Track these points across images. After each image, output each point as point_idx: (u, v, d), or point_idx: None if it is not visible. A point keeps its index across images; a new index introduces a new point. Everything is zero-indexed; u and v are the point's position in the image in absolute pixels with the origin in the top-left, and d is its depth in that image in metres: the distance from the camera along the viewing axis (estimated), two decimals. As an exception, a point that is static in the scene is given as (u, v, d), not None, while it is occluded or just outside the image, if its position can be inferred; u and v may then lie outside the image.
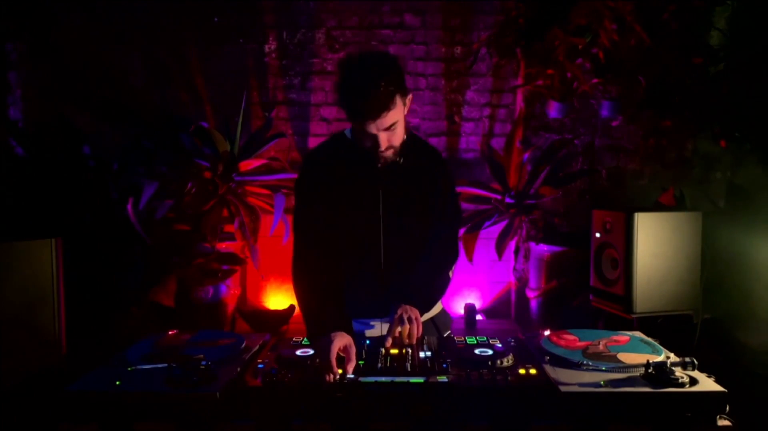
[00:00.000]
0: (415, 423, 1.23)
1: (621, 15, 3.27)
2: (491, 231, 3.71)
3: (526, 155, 3.66)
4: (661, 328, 2.71)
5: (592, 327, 2.11)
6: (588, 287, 3.06)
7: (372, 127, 1.56)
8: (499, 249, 3.57)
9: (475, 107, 4.01)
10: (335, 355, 1.36)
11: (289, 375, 1.33)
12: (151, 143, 3.55)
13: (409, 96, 1.64)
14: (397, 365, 1.39)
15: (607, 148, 3.94)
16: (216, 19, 3.92)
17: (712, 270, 2.83)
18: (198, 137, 3.53)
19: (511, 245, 3.71)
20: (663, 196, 3.44)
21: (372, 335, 1.73)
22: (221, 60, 3.93)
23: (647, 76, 3.52)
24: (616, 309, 2.82)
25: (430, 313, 1.83)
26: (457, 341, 1.57)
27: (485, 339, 1.58)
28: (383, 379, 1.31)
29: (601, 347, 1.49)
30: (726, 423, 1.23)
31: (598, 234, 2.95)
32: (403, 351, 1.48)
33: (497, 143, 3.95)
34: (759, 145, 3.22)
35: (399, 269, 1.74)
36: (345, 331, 1.48)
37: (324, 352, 1.36)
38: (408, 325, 1.56)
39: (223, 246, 3.54)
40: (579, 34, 3.31)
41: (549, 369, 1.36)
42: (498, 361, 1.39)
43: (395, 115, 1.57)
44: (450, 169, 1.92)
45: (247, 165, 3.59)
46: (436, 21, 3.95)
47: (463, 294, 4.02)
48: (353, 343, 1.43)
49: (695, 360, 1.32)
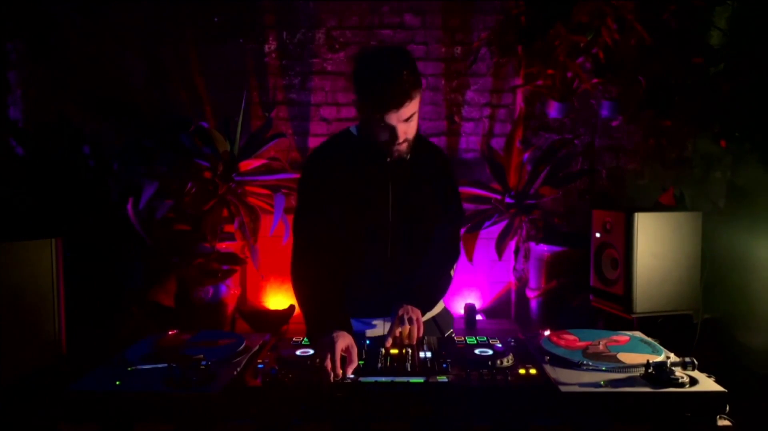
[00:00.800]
0: (415, 423, 1.23)
1: (622, 14, 3.27)
2: (491, 231, 3.71)
3: (526, 155, 3.66)
4: (661, 328, 2.72)
5: (592, 327, 2.11)
6: (588, 287, 3.06)
7: (393, 118, 1.56)
8: (499, 249, 3.57)
9: (475, 107, 4.01)
10: (339, 355, 1.36)
11: (289, 375, 1.33)
12: (151, 143, 3.55)
13: (421, 90, 1.65)
14: (397, 365, 1.39)
15: (607, 148, 3.94)
16: (216, 19, 3.92)
17: (712, 270, 2.83)
18: (198, 137, 3.53)
19: (511, 245, 3.71)
20: (663, 196, 3.44)
21: (373, 334, 1.73)
22: (221, 60, 3.93)
23: (647, 75, 3.53)
24: (616, 309, 2.82)
25: (432, 312, 1.82)
26: (457, 341, 1.57)
27: (485, 339, 1.58)
28: (383, 379, 1.31)
29: (601, 347, 1.49)
30: (726, 423, 1.23)
31: (598, 234, 2.95)
32: (404, 351, 1.48)
33: (497, 143, 3.95)
34: (759, 145, 3.22)
35: (405, 267, 1.74)
36: (346, 331, 1.48)
37: (327, 351, 1.36)
38: (408, 326, 1.56)
39: (223, 246, 3.54)
40: (580, 32, 3.31)
41: (549, 369, 1.36)
42: (498, 361, 1.39)
43: (414, 107, 1.59)
44: (453, 167, 1.92)
45: (247, 165, 3.59)
46: (436, 21, 3.95)
47: (463, 294, 4.02)
48: (354, 344, 1.43)
49: (695, 360, 1.32)
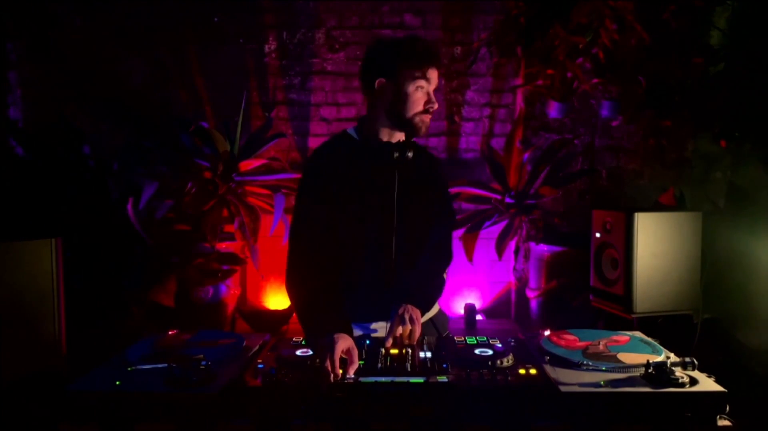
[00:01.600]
0: (415, 423, 1.23)
1: (621, 14, 3.27)
2: (491, 231, 3.71)
3: (526, 155, 3.66)
4: (661, 328, 2.71)
5: (592, 327, 2.11)
6: (588, 287, 3.05)
7: (431, 75, 1.65)
8: (499, 249, 3.57)
9: (475, 107, 4.01)
10: (339, 357, 1.36)
11: (289, 375, 1.33)
12: (151, 143, 3.54)
13: None
14: (397, 365, 1.39)
15: (607, 148, 3.94)
16: (216, 19, 3.92)
17: (712, 270, 2.82)
18: (198, 137, 3.53)
19: (511, 245, 3.71)
20: (663, 196, 3.44)
21: (374, 336, 1.73)
22: (221, 60, 3.93)
23: (647, 76, 3.53)
24: (616, 309, 2.82)
25: (429, 314, 1.83)
26: (457, 341, 1.57)
27: (485, 339, 1.58)
28: (383, 379, 1.31)
29: (601, 347, 1.49)
30: (726, 423, 1.23)
31: (598, 234, 2.95)
32: (403, 351, 1.48)
33: (497, 143, 3.95)
34: (759, 145, 3.22)
35: (405, 269, 1.74)
36: (346, 333, 1.48)
37: (327, 352, 1.36)
38: (409, 326, 1.56)
39: (223, 246, 3.54)
40: (580, 32, 3.31)
41: (549, 369, 1.36)
42: (498, 361, 1.39)
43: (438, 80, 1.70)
44: (444, 171, 1.93)
45: (247, 165, 3.59)
46: (436, 21, 3.95)
47: (463, 294, 4.01)
48: (355, 346, 1.43)
49: (695, 360, 1.32)
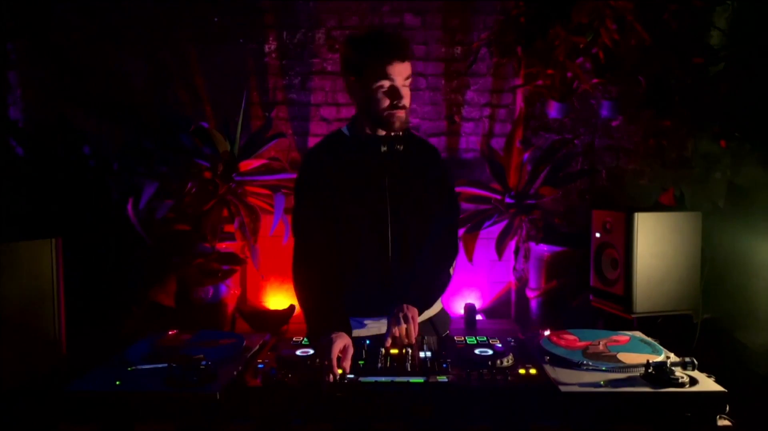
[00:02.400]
0: (415, 423, 1.23)
1: (622, 14, 3.27)
2: (491, 231, 3.71)
3: (526, 155, 3.66)
4: (661, 328, 2.71)
5: (592, 327, 2.11)
6: (588, 287, 3.05)
7: (396, 71, 1.62)
8: (499, 249, 3.57)
9: (475, 107, 4.01)
10: (336, 356, 1.36)
11: (289, 375, 1.33)
12: (151, 143, 3.55)
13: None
14: (397, 365, 1.39)
15: (607, 148, 3.94)
16: (216, 19, 3.92)
17: (712, 270, 2.82)
18: (198, 137, 3.53)
19: (511, 245, 3.71)
20: (663, 196, 3.44)
21: (367, 333, 1.73)
22: (221, 60, 3.93)
23: (647, 76, 3.52)
24: (616, 309, 2.82)
25: (429, 313, 1.82)
26: (457, 341, 1.57)
27: (485, 339, 1.58)
28: (383, 379, 1.31)
29: (601, 347, 1.49)
30: (726, 423, 1.23)
31: (598, 234, 2.95)
32: (403, 351, 1.48)
33: (497, 143, 3.95)
34: (759, 145, 3.22)
35: (403, 264, 1.74)
36: (344, 332, 1.48)
37: (324, 352, 1.36)
38: (404, 324, 1.56)
39: (223, 246, 3.54)
40: (580, 32, 3.31)
41: (549, 369, 1.36)
42: (498, 361, 1.39)
43: (410, 69, 1.66)
44: (446, 163, 1.92)
45: (247, 165, 3.59)
46: (436, 21, 3.95)
47: (463, 294, 4.02)
48: (351, 344, 1.43)
49: (695, 360, 1.32)
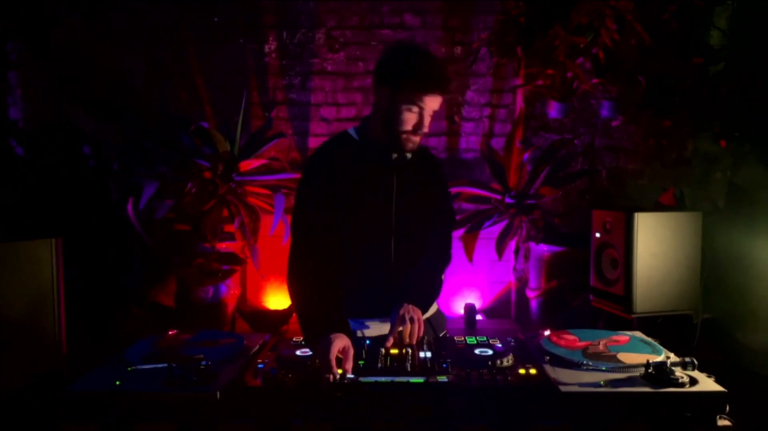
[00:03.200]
0: (415, 423, 1.23)
1: (622, 14, 3.27)
2: (491, 231, 3.71)
3: (526, 155, 3.66)
4: (661, 328, 2.71)
5: (592, 327, 2.11)
6: (588, 287, 3.05)
7: (429, 102, 1.60)
8: (499, 249, 3.57)
9: (475, 107, 4.01)
10: (335, 356, 1.36)
11: (289, 375, 1.33)
12: (151, 143, 3.54)
13: None
14: (397, 365, 1.39)
15: (607, 148, 3.94)
16: (216, 19, 3.92)
17: (712, 270, 2.82)
18: (198, 137, 3.53)
19: (511, 245, 3.71)
20: (663, 196, 3.44)
21: (369, 334, 1.73)
22: (221, 60, 3.93)
23: (647, 76, 3.52)
24: (616, 309, 2.82)
25: (427, 313, 1.83)
26: (457, 341, 1.57)
27: (485, 339, 1.58)
28: (383, 379, 1.31)
29: (601, 347, 1.49)
30: (726, 423, 1.23)
31: (598, 234, 2.95)
32: (403, 351, 1.48)
33: (497, 143, 3.95)
34: (759, 145, 3.22)
35: (405, 268, 1.74)
36: (343, 333, 1.48)
37: (324, 353, 1.36)
38: (409, 325, 1.56)
39: (223, 246, 3.54)
40: (580, 32, 3.31)
41: (549, 369, 1.36)
42: (498, 361, 1.39)
43: (441, 101, 1.64)
44: (443, 170, 1.93)
45: (247, 165, 3.59)
46: (436, 21, 3.95)
47: (463, 294, 4.01)
48: (351, 345, 1.43)
49: (695, 360, 1.32)
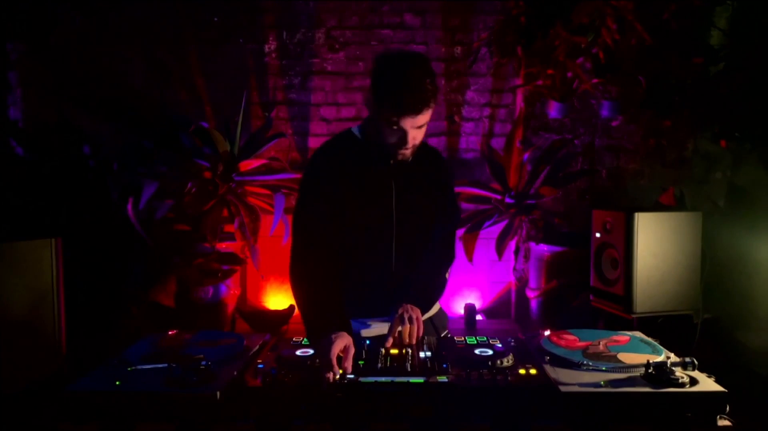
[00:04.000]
0: (415, 423, 1.23)
1: (622, 14, 3.27)
2: (491, 231, 3.71)
3: (526, 155, 3.66)
4: (661, 328, 2.72)
5: (592, 327, 2.11)
6: (588, 287, 3.06)
7: (407, 122, 1.57)
8: (499, 249, 3.57)
9: (475, 107, 4.01)
10: (336, 356, 1.36)
11: (289, 375, 1.33)
12: (151, 143, 3.54)
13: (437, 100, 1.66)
14: (397, 365, 1.39)
15: (607, 148, 3.94)
16: (216, 19, 3.92)
17: (712, 270, 2.82)
18: (198, 137, 3.53)
19: (511, 245, 3.71)
20: (663, 196, 3.44)
21: (369, 334, 1.73)
22: (221, 60, 3.93)
23: (647, 76, 3.52)
24: (616, 309, 2.82)
25: (429, 313, 1.83)
26: (457, 341, 1.57)
27: (485, 339, 1.58)
28: (383, 379, 1.30)
29: (601, 347, 1.49)
30: (726, 423, 1.23)
31: (598, 234, 2.95)
32: (403, 351, 1.48)
33: (497, 143, 3.95)
34: (759, 145, 3.22)
35: (406, 268, 1.74)
36: (345, 332, 1.48)
37: (325, 352, 1.36)
38: (409, 325, 1.56)
39: (223, 246, 3.54)
40: (580, 32, 3.31)
41: (549, 369, 1.36)
42: (498, 361, 1.39)
43: (428, 116, 1.61)
44: (450, 169, 1.92)
45: (247, 165, 3.59)
46: (436, 21, 3.95)
47: (463, 294, 4.01)
48: (352, 345, 1.43)
49: (695, 360, 1.32)
